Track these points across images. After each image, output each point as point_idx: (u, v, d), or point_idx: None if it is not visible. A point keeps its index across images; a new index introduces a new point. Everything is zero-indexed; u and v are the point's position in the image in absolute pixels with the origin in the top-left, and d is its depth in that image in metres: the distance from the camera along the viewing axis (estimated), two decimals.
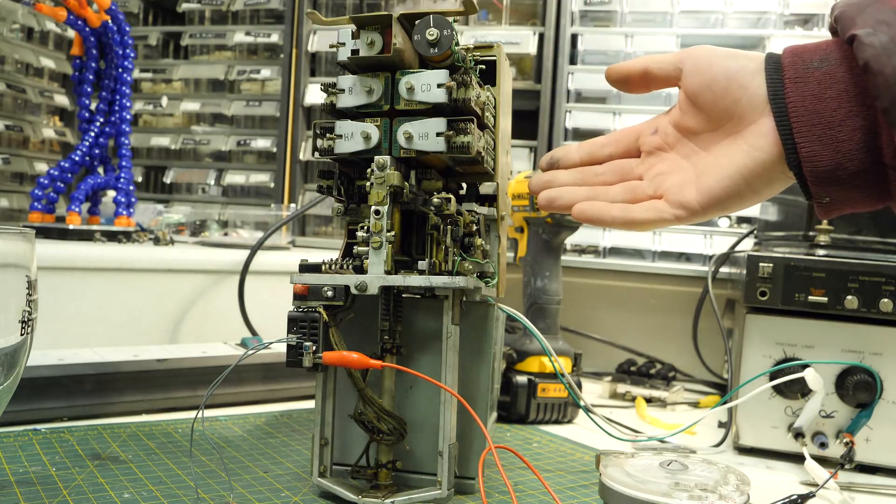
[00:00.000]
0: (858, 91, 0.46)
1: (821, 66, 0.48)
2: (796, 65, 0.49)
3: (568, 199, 0.56)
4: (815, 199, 0.49)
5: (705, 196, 0.52)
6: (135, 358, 0.79)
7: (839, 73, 0.47)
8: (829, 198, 0.49)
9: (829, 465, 0.69)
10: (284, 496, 0.57)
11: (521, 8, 1.41)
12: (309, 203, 1.14)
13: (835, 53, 0.48)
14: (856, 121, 0.46)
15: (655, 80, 0.56)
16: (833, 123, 0.47)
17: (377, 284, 0.53)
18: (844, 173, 0.47)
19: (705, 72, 0.52)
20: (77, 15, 1.13)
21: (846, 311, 0.72)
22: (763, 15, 1.31)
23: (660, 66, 0.55)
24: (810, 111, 0.47)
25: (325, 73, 1.53)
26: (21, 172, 1.48)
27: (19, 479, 0.56)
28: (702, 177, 0.53)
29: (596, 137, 0.59)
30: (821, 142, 0.47)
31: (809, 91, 0.47)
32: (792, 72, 0.48)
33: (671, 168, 0.55)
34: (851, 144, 0.46)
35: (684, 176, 0.54)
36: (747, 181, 0.51)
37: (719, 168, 0.52)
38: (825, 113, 0.47)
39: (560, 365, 0.72)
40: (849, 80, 0.47)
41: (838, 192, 0.48)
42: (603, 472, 0.51)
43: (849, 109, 0.46)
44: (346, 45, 0.54)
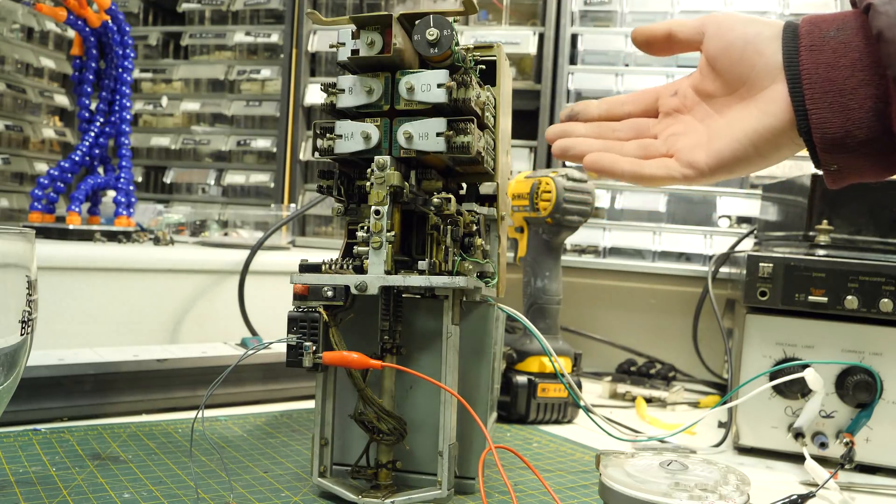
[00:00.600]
0: (872, 60, 0.47)
1: (837, 35, 0.48)
2: (813, 33, 0.49)
3: (581, 149, 0.57)
4: (823, 166, 0.50)
5: (714, 157, 0.53)
6: (135, 358, 0.79)
7: (854, 42, 0.48)
8: (838, 165, 0.49)
9: (829, 465, 0.69)
10: (284, 496, 0.57)
11: (521, 8, 1.41)
12: (309, 203, 1.14)
13: (851, 23, 0.48)
14: (867, 89, 0.47)
15: (679, 43, 0.57)
16: (845, 91, 0.47)
17: (377, 284, 0.53)
18: (853, 141, 0.48)
19: (724, 36, 0.53)
20: (77, 15, 1.13)
21: (846, 311, 0.72)
22: (763, 15, 1.31)
23: (683, 29, 0.56)
24: (823, 78, 0.48)
25: (325, 73, 1.53)
26: (21, 172, 1.48)
27: (19, 479, 0.56)
28: (713, 139, 0.53)
29: (616, 96, 0.61)
30: (831, 109, 0.48)
31: (824, 59, 0.48)
32: (808, 40, 0.49)
33: (685, 129, 0.56)
34: (861, 112, 0.47)
35: (697, 137, 0.55)
36: (755, 145, 0.51)
37: (730, 130, 0.53)
38: (838, 80, 0.47)
39: (560, 365, 0.72)
40: (863, 49, 0.47)
41: (846, 159, 0.49)
42: (603, 472, 0.51)
43: (861, 78, 0.47)
44: (346, 45, 0.54)
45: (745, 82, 0.52)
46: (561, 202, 0.86)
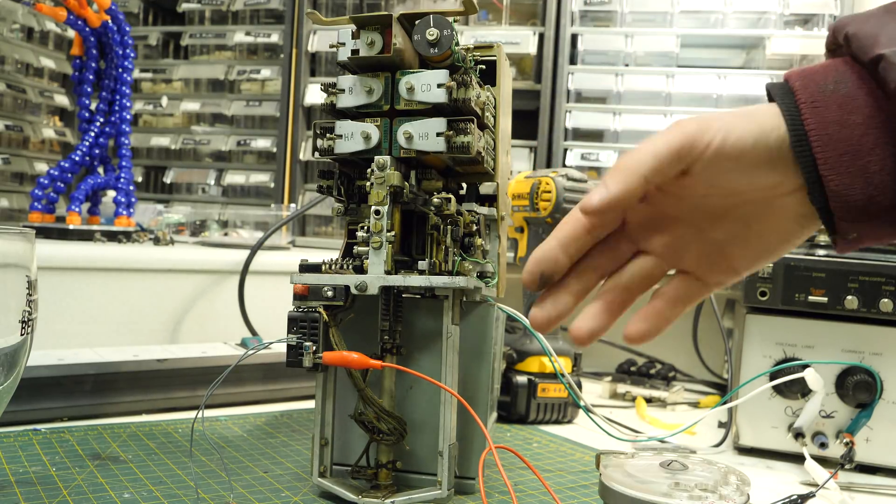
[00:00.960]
0: (885, 116, 0.42)
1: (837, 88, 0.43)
2: (809, 87, 0.43)
3: (606, 323, 0.46)
4: (839, 234, 0.44)
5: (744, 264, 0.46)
6: (135, 358, 0.79)
7: (860, 97, 0.42)
8: (858, 234, 0.44)
9: (829, 465, 0.69)
10: (284, 496, 0.57)
11: (521, 8, 1.41)
12: (309, 203, 1.14)
13: (849, 75, 0.43)
14: (886, 149, 0.41)
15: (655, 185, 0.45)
16: (861, 153, 0.42)
17: (377, 284, 0.53)
18: (877, 208, 0.42)
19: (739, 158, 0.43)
20: (77, 15, 1.13)
21: (846, 311, 0.72)
22: (763, 15, 1.31)
23: (661, 174, 0.43)
24: (835, 139, 0.42)
25: (325, 73, 1.53)
26: (21, 172, 1.48)
27: (19, 479, 0.56)
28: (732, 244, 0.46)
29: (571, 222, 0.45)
30: (850, 174, 0.42)
31: (831, 117, 0.42)
32: (806, 95, 0.43)
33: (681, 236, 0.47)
34: (883, 175, 0.41)
35: (705, 246, 0.46)
36: (791, 241, 0.46)
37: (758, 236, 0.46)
38: (852, 140, 0.42)
39: (560, 365, 0.72)
40: (872, 105, 0.42)
41: (868, 227, 0.43)
42: (603, 472, 0.51)
43: (877, 136, 0.41)
44: (346, 45, 0.54)
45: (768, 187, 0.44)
46: (561, 202, 0.86)
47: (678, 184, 0.45)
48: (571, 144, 1.33)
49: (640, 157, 0.43)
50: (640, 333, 0.46)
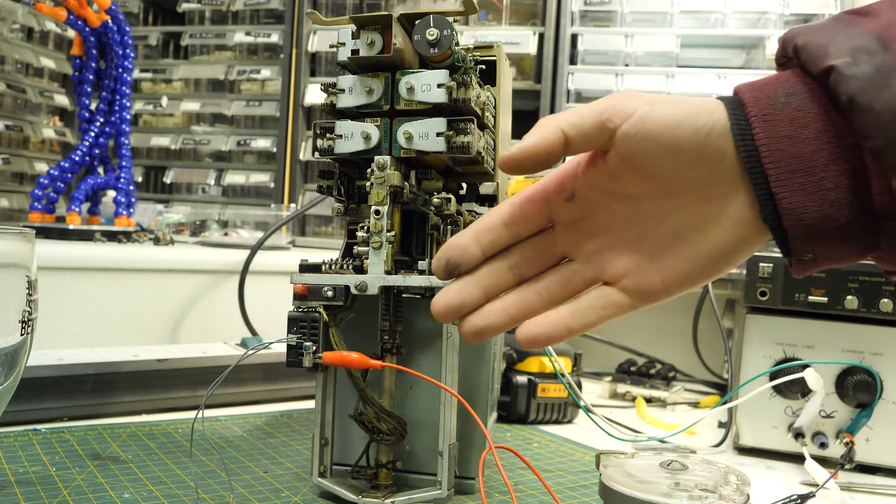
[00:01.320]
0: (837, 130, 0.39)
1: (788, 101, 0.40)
2: (759, 100, 0.41)
3: (498, 323, 0.43)
4: (794, 255, 0.42)
5: (675, 279, 0.43)
6: (135, 358, 0.79)
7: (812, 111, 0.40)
8: (813, 254, 0.42)
9: (829, 465, 0.69)
10: (284, 496, 0.57)
11: (521, 8, 1.41)
12: (309, 203, 1.14)
13: (800, 87, 0.40)
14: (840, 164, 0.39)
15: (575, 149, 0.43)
16: (815, 168, 0.39)
17: (377, 284, 0.53)
18: (833, 225, 0.40)
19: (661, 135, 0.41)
20: (77, 15, 1.13)
21: (846, 311, 0.72)
22: (763, 15, 1.31)
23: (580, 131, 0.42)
24: (787, 155, 0.40)
25: (325, 73, 1.53)
26: (21, 172, 1.48)
27: (19, 479, 0.56)
28: (662, 255, 0.43)
29: (490, 213, 0.44)
30: (804, 191, 0.39)
31: (783, 131, 0.40)
32: (756, 108, 0.41)
33: (609, 244, 0.44)
34: (838, 192, 0.39)
35: (634, 256, 0.44)
36: (727, 256, 0.42)
37: (691, 246, 0.43)
38: (805, 156, 0.39)
39: (560, 365, 0.72)
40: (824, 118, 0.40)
41: (824, 246, 0.41)
42: (603, 472, 0.51)
43: (830, 152, 0.39)
44: (346, 45, 0.54)
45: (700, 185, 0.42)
46: None
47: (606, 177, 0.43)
48: None
49: (562, 114, 0.42)
50: (529, 337, 0.43)
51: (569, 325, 0.43)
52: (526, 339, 0.43)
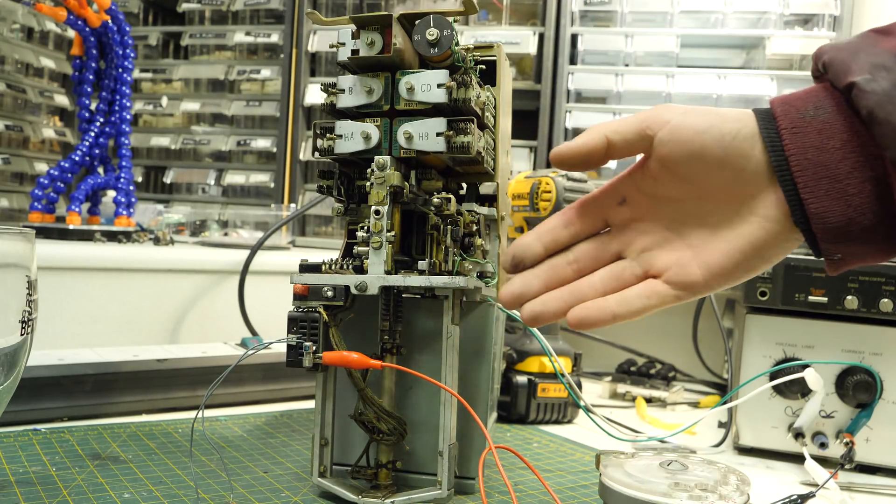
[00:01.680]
0: (861, 141, 0.43)
1: (816, 114, 0.45)
2: (790, 114, 0.45)
3: (554, 308, 0.49)
4: (825, 255, 0.46)
5: (713, 273, 0.47)
6: (135, 358, 0.79)
7: (838, 123, 0.44)
8: (841, 254, 0.46)
9: (829, 465, 0.69)
10: (284, 496, 0.57)
11: (521, 8, 1.41)
12: (309, 203, 1.14)
13: (828, 101, 0.45)
14: (864, 172, 0.43)
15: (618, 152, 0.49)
16: (840, 176, 0.43)
17: (377, 284, 0.53)
18: (857, 228, 0.44)
19: (691, 140, 0.47)
20: (77, 15, 1.13)
21: (846, 311, 0.72)
22: (763, 15, 1.31)
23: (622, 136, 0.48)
24: (814, 163, 0.44)
25: (325, 73, 1.53)
26: (21, 172, 1.48)
27: (19, 479, 0.56)
28: (703, 251, 0.48)
29: (554, 218, 0.51)
30: (829, 197, 0.44)
31: (810, 142, 0.44)
32: (787, 121, 0.45)
33: (657, 242, 0.50)
34: (862, 198, 0.43)
35: (678, 252, 0.49)
36: (760, 253, 0.47)
37: (727, 242, 0.47)
38: (830, 165, 0.44)
39: (560, 365, 0.72)
40: (849, 129, 0.44)
41: (850, 247, 0.45)
42: (603, 472, 0.51)
43: (854, 161, 0.43)
44: (346, 45, 0.54)
45: (730, 188, 0.47)
46: (561, 202, 0.86)
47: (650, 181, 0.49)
48: None
49: (609, 122, 0.49)
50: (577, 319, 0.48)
51: (614, 311, 0.48)
52: (575, 320, 0.48)
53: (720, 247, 0.47)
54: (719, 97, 1.27)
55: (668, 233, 0.49)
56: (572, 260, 0.51)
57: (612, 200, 0.51)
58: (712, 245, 0.48)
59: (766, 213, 0.46)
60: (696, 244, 0.48)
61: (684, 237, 0.49)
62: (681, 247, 0.49)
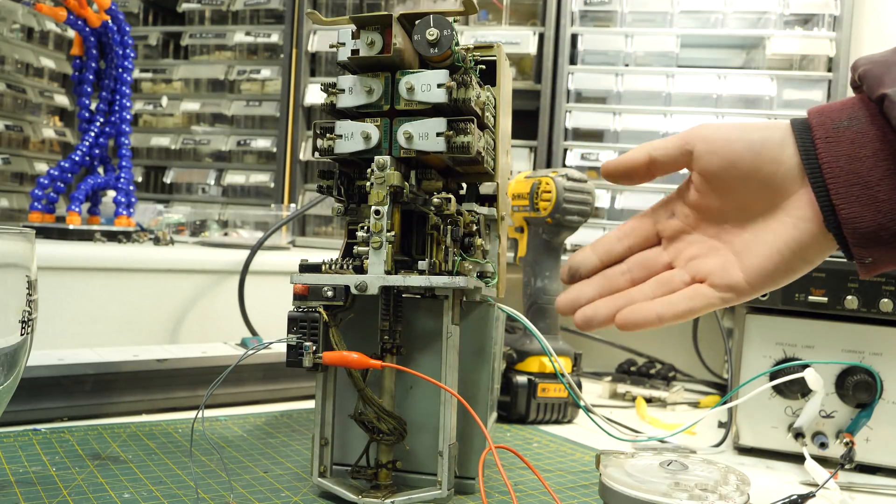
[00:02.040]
0: (892, 150, 0.45)
1: (850, 125, 0.47)
2: (825, 125, 0.48)
3: (605, 313, 0.52)
4: (857, 259, 0.48)
5: (755, 275, 0.50)
6: (135, 358, 0.79)
7: (871, 133, 0.46)
8: (872, 258, 0.48)
9: (829, 465, 0.69)
10: (284, 496, 0.57)
11: (521, 8, 1.41)
12: (309, 203, 1.14)
13: (862, 112, 0.47)
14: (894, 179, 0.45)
15: (662, 167, 0.54)
16: (871, 183, 0.46)
17: (377, 284, 0.53)
18: (887, 234, 0.46)
19: (724, 149, 0.50)
20: (77, 15, 1.13)
21: (846, 311, 0.72)
22: (763, 15, 1.31)
23: (664, 152, 0.53)
24: (846, 171, 0.46)
25: (325, 73, 1.53)
26: (21, 172, 1.48)
27: (19, 479, 0.56)
28: (745, 255, 0.51)
29: (609, 233, 0.56)
30: (860, 203, 0.46)
31: (843, 151, 0.47)
32: (822, 132, 0.48)
33: (704, 250, 0.53)
34: (891, 204, 0.46)
35: (723, 257, 0.52)
36: (798, 254, 0.49)
37: (765, 245, 0.50)
38: (862, 173, 0.46)
39: (560, 365, 0.72)
40: (881, 139, 0.46)
41: (881, 252, 0.47)
42: (603, 472, 0.51)
43: (885, 168, 0.46)
44: (346, 45, 0.54)
45: (764, 193, 0.50)
46: (561, 202, 0.86)
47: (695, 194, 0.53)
48: (571, 144, 1.33)
49: (652, 142, 0.54)
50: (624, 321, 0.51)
51: (659, 313, 0.51)
52: (622, 321, 0.51)
53: (760, 250, 0.50)
54: (719, 97, 1.27)
55: (714, 241, 0.53)
56: (625, 270, 0.54)
57: (663, 215, 0.55)
58: (753, 249, 0.50)
59: (800, 213, 0.49)
60: (739, 249, 0.51)
61: (728, 244, 0.52)
62: (725, 253, 0.52)
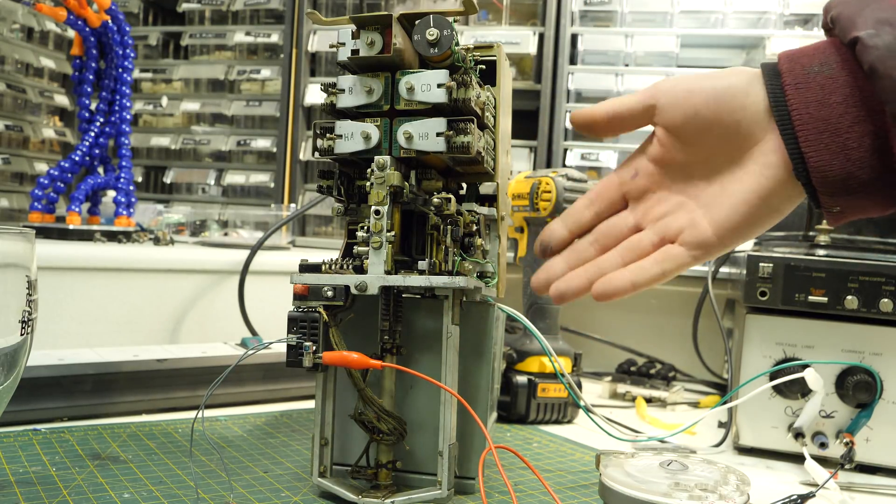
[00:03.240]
0: (863, 95, 0.44)
1: (821, 70, 0.45)
2: (794, 70, 0.46)
3: (578, 284, 0.51)
4: (824, 208, 0.47)
5: (723, 228, 0.49)
6: (135, 358, 0.79)
7: (841, 78, 0.45)
8: (840, 207, 0.47)
9: (829, 465, 0.69)
10: (284, 496, 0.57)
11: (521, 8, 1.41)
12: (309, 203, 1.14)
13: (834, 56, 0.46)
14: (864, 126, 0.44)
15: (623, 122, 0.53)
16: (840, 130, 0.44)
17: (377, 284, 0.53)
18: (855, 182, 0.45)
19: (686, 100, 0.49)
20: (77, 15, 1.13)
21: (846, 311, 0.72)
22: (763, 15, 1.31)
23: (626, 107, 0.52)
24: (815, 118, 0.45)
25: (325, 73, 1.53)
26: (21, 172, 1.48)
27: (19, 479, 0.56)
28: (712, 208, 0.50)
29: (577, 202, 0.55)
30: (829, 150, 0.45)
31: (812, 97, 0.45)
32: (791, 77, 0.46)
33: (671, 208, 0.52)
34: (861, 152, 0.44)
35: (690, 213, 0.50)
36: (766, 202, 0.48)
37: (731, 195, 0.49)
38: (831, 119, 0.45)
39: (560, 365, 0.72)
40: (852, 84, 0.44)
41: (849, 200, 0.46)
42: (603, 472, 0.51)
43: (855, 115, 0.44)
44: (346, 45, 0.54)
45: (729, 141, 0.49)
46: (561, 202, 0.86)
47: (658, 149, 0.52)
48: (571, 144, 1.33)
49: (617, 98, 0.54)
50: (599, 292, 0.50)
51: (633, 280, 0.50)
52: (597, 293, 0.50)
53: (727, 201, 0.49)
54: None
55: (680, 197, 0.51)
56: (593, 240, 0.53)
57: (627, 175, 0.53)
58: (720, 201, 0.49)
59: (766, 160, 0.47)
60: (707, 203, 0.50)
61: (695, 199, 0.51)
62: (692, 208, 0.51)
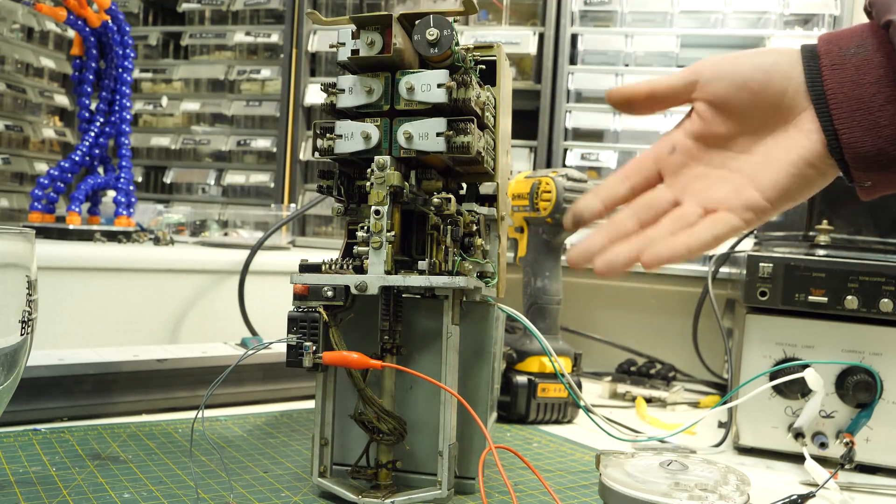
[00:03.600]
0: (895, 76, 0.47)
1: (857, 52, 0.48)
2: (832, 52, 0.49)
3: (626, 256, 0.51)
4: (856, 183, 0.50)
5: (773, 190, 0.50)
6: (135, 358, 0.79)
7: (876, 59, 0.47)
8: (871, 181, 0.50)
9: (829, 465, 0.69)
10: (284, 496, 0.57)
11: (521, 8, 1.41)
12: (309, 203, 1.14)
13: (870, 39, 0.48)
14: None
15: (665, 99, 0.54)
16: (873, 108, 0.47)
17: (377, 284, 0.53)
18: (886, 158, 0.48)
19: (733, 73, 0.51)
20: (77, 15, 1.13)
21: (846, 311, 0.72)
22: (763, 15, 1.31)
23: (667, 83, 0.54)
24: (849, 97, 0.48)
25: (325, 73, 1.53)
26: (21, 172, 1.48)
27: (19, 479, 0.56)
28: (758, 175, 0.51)
29: (610, 176, 0.55)
30: (861, 127, 0.47)
31: (847, 77, 0.48)
32: (828, 59, 0.49)
33: (711, 181, 0.52)
34: (892, 129, 0.47)
35: (732, 183, 0.51)
36: (814, 165, 0.50)
37: (778, 161, 0.50)
38: (864, 98, 0.47)
39: (560, 365, 0.72)
40: (886, 66, 0.47)
41: (881, 176, 0.49)
42: (603, 472, 0.51)
43: (888, 94, 0.47)
44: (346, 45, 0.54)
45: (774, 114, 0.51)
46: (561, 202, 0.86)
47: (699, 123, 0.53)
48: (571, 144, 1.33)
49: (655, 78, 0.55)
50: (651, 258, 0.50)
51: (687, 243, 0.50)
52: (650, 259, 0.50)
53: (775, 166, 0.50)
54: None
55: (720, 171, 0.52)
56: (631, 214, 0.53)
57: (664, 151, 0.54)
58: (767, 166, 0.51)
59: (806, 126, 0.49)
60: (751, 172, 0.51)
61: (737, 171, 0.52)
62: (734, 178, 0.52)
